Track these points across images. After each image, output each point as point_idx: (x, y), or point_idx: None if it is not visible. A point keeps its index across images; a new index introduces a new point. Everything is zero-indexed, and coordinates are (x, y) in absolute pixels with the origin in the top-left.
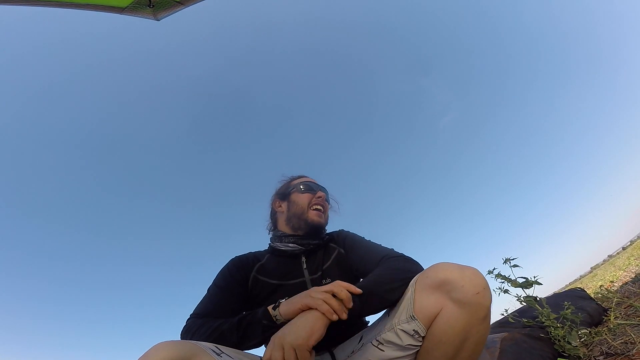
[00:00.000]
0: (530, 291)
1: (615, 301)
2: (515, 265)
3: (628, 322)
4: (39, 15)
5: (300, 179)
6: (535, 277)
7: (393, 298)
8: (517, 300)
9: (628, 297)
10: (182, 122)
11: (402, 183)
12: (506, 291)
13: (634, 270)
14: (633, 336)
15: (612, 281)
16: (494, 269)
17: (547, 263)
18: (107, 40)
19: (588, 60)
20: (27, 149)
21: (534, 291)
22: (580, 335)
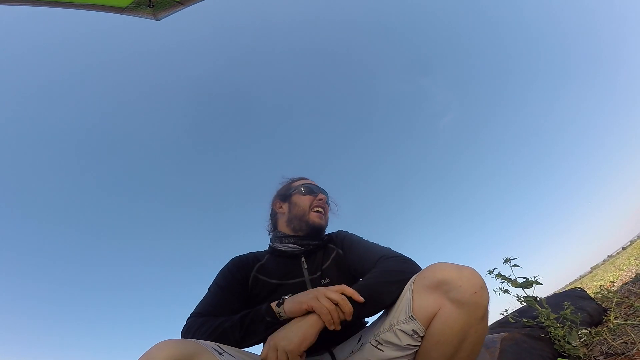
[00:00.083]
0: (530, 291)
1: (615, 301)
2: (515, 265)
3: (628, 322)
4: (39, 15)
5: (301, 181)
6: (535, 277)
7: (390, 300)
8: (517, 300)
9: (628, 297)
10: (182, 122)
11: (402, 183)
12: (506, 291)
13: (634, 270)
14: (633, 336)
15: (612, 281)
16: (494, 269)
17: (547, 263)
18: (107, 40)
19: (588, 60)
20: (27, 149)
21: (534, 291)
22: (580, 335)
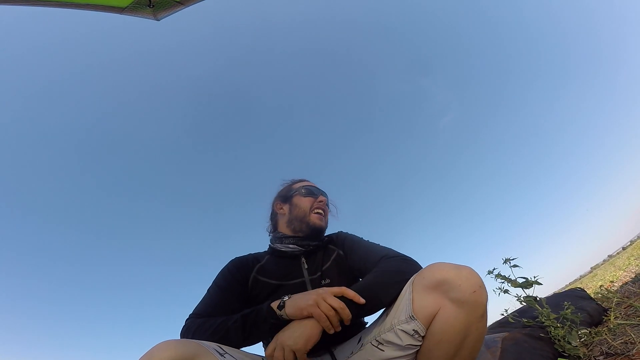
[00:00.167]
0: (530, 291)
1: (615, 301)
2: (515, 265)
3: (628, 322)
4: (39, 15)
5: (301, 183)
6: (535, 277)
7: (389, 300)
8: (517, 300)
9: (628, 297)
10: (182, 122)
11: (402, 183)
12: (506, 291)
13: (634, 270)
14: (633, 336)
15: (612, 281)
16: (494, 269)
17: (547, 263)
18: (107, 40)
19: (588, 60)
20: (27, 149)
21: (534, 291)
22: (580, 335)
